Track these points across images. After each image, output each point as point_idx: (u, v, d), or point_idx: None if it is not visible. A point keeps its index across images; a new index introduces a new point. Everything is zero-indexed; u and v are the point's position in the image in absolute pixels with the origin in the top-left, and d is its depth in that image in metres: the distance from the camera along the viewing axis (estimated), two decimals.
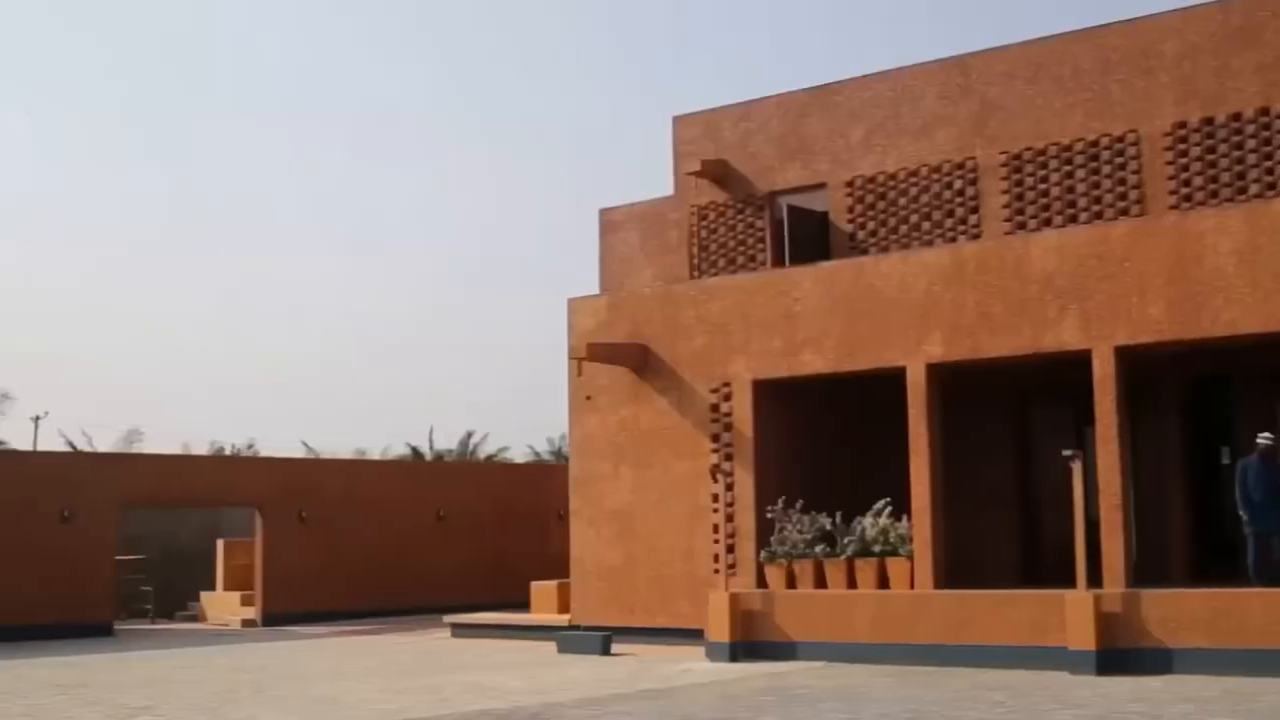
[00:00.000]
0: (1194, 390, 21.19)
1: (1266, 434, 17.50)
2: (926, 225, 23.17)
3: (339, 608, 30.26)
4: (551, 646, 21.99)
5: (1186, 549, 20.60)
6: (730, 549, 20.71)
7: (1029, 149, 22.43)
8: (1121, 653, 17.09)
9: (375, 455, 50.68)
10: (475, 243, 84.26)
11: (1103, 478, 18.11)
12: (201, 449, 48.94)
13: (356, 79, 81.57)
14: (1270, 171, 20.55)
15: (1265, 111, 20.70)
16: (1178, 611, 16.98)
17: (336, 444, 52.32)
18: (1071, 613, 17.24)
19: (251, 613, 30.45)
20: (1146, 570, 20.04)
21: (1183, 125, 21.28)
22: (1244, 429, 20.80)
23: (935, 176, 23.22)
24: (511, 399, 71.19)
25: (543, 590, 25.12)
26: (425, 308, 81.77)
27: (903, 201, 23.46)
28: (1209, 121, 21.10)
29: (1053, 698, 15.19)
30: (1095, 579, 17.80)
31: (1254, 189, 20.57)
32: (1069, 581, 17.62)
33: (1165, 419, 20.88)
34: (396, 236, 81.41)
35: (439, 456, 49.41)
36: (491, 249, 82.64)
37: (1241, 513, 17.49)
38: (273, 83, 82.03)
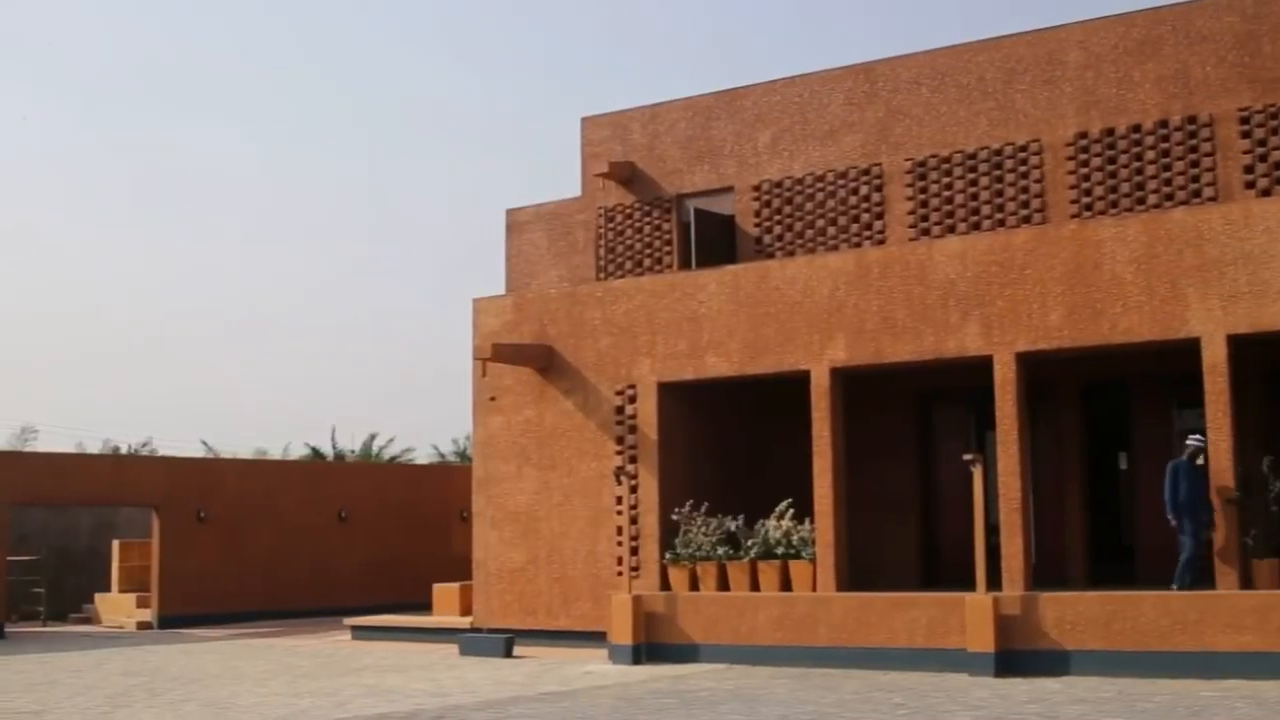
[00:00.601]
0: (1092, 395, 21.51)
1: (1196, 436, 17.53)
2: (832, 230, 23.31)
3: (237, 610, 29.82)
4: (453, 649, 21.83)
5: (1084, 552, 20.89)
6: (634, 551, 20.69)
7: (934, 156, 22.65)
8: (1019, 654, 17.28)
9: (275, 455, 50.09)
10: (381, 241, 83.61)
11: (1002, 481, 18.32)
12: (96, 447, 48.03)
13: (275, 76, 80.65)
14: (1168, 182, 20.91)
15: (1164, 123, 21.06)
16: (1074, 613, 17.20)
17: (236, 444, 51.66)
18: (970, 615, 17.41)
19: (147, 614, 29.90)
20: (1045, 573, 20.31)
21: (1084, 135, 21.60)
22: (1140, 434, 21.19)
23: (841, 182, 23.37)
24: (416, 400, 70.74)
25: (445, 592, 24.94)
26: (330, 307, 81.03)
27: (809, 206, 23.59)
28: (1110, 132, 21.43)
29: (951, 699, 15.32)
30: (995, 581, 18.00)
31: (1152, 199, 20.92)
32: (969, 584, 17.80)
33: (1064, 423, 21.19)
34: (302, 233, 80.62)
35: (341, 457, 48.90)
36: (398, 248, 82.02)
37: (1170, 515, 17.45)
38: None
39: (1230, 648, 16.27)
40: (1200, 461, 17.36)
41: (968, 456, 18.06)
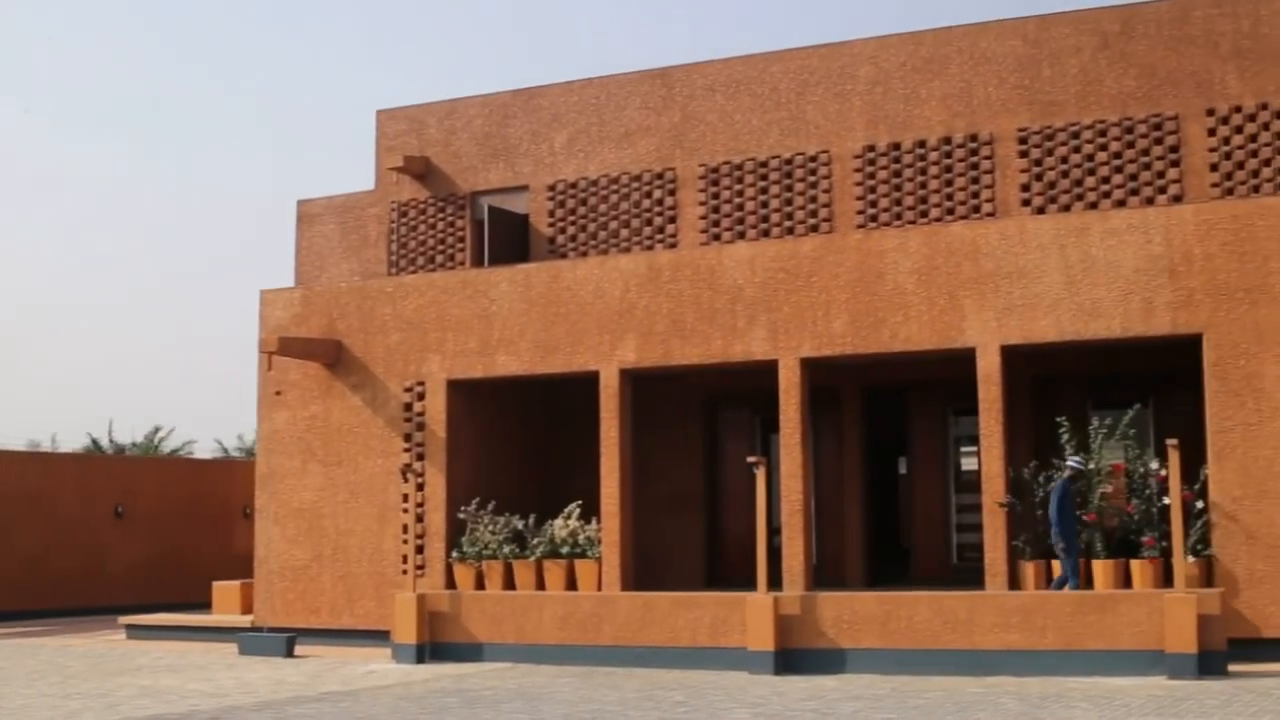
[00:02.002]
0: (873, 401, 22.10)
1: (1076, 458, 17.55)
2: (625, 232, 23.48)
3: (5, 608, 28.63)
4: (233, 648, 21.33)
5: (863, 553, 21.44)
6: (420, 549, 20.53)
7: (727, 162, 23.00)
8: (799, 653, 17.66)
9: (47, 447, 48.30)
10: (168, 228, 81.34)
11: (785, 483, 18.70)
12: None
13: (54, 57, 77.69)
14: (950, 197, 21.60)
15: (948, 140, 21.75)
16: (851, 613, 17.63)
17: (6, 435, 49.68)
18: (751, 614, 17.72)
19: None
20: (825, 573, 20.82)
21: (872, 148, 22.17)
22: (918, 439, 21.85)
23: (635, 185, 23.56)
24: (202, 393, 68.94)
25: (225, 590, 24.36)
26: (112, 294, 78.45)
27: (603, 208, 23.72)
28: (896, 146, 22.04)
29: (731, 697, 15.57)
30: (776, 582, 18.36)
31: (934, 212, 21.58)
32: (752, 584, 18.11)
33: (846, 428, 21.72)
34: (87, 217, 77.86)
35: (120, 450, 47.40)
36: (185, 236, 79.85)
37: (1055, 538, 17.28)
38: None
39: (998, 646, 16.88)
40: (1078, 484, 17.49)
41: (752, 459, 18.38)
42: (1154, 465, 17.69)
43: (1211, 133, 20.58)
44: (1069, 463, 17.43)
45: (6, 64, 73.95)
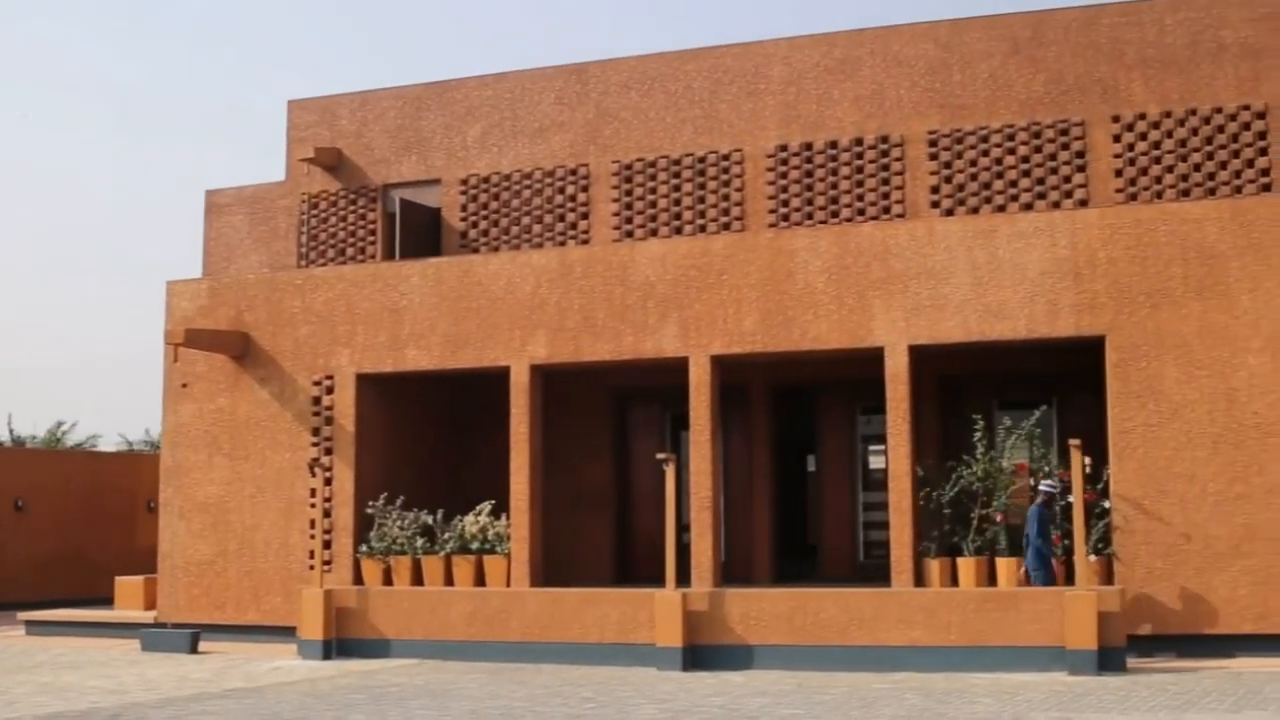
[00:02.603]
0: (782, 399, 22.24)
1: (1049, 481, 17.47)
2: (538, 228, 23.44)
3: None
4: (136, 645, 21.03)
5: (771, 550, 21.57)
6: (327, 544, 20.34)
7: (640, 160, 23.03)
8: (706, 649, 17.73)
9: None
10: (73, 216, 79.99)
11: (694, 480, 18.78)
12: None
13: None
14: (861, 198, 21.79)
15: (859, 141, 21.94)
16: (759, 610, 17.74)
17: None
18: (659, 611, 17.77)
19: None
20: (734, 570, 20.92)
21: (784, 148, 22.31)
22: (827, 437, 22.01)
23: (548, 180, 23.52)
24: (107, 386, 67.87)
25: (128, 585, 23.99)
26: (10, 285, 77.00)
27: (516, 203, 23.66)
28: (808, 146, 22.20)
29: (639, 693, 15.60)
30: (685, 578, 18.43)
31: (845, 212, 21.76)
32: (661, 580, 18.16)
33: (755, 426, 21.83)
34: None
35: (20, 443, 46.49)
36: (91, 224, 78.58)
37: (1028, 563, 17.24)
38: None
39: (902, 643, 17.07)
40: (1054, 506, 17.38)
41: (661, 456, 18.43)
42: (1058, 468, 17.95)
43: (1117, 139, 20.95)
44: (1042, 486, 17.30)
45: None
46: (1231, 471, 17.12)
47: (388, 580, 19.90)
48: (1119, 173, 20.86)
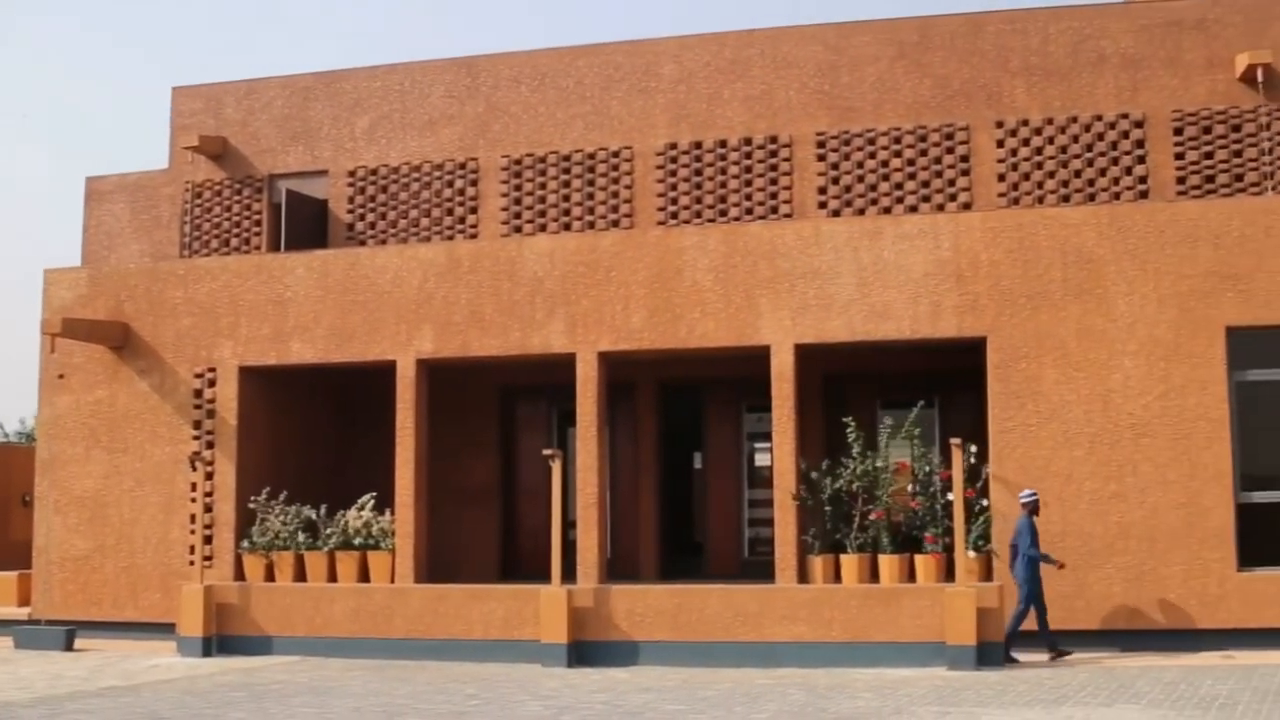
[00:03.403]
0: (669, 396, 22.33)
1: (1028, 491, 17.29)
2: (426, 221, 23.29)
3: None
4: (8, 642, 20.57)
5: (657, 547, 21.65)
6: (208, 539, 20.03)
7: (530, 155, 22.98)
8: (591, 645, 17.75)
9: None
10: None
11: (581, 477, 18.79)
12: None
13: None
14: (749, 197, 21.96)
15: (748, 141, 22.10)
16: (644, 606, 17.80)
17: None
18: (545, 607, 17.75)
19: None
20: (620, 567, 20.97)
21: (674, 146, 22.40)
22: (713, 434, 22.14)
23: (437, 174, 23.38)
24: None
25: (1, 581, 23.40)
26: None
27: (404, 196, 23.48)
28: (698, 145, 22.31)
29: (523, 689, 15.58)
30: (571, 574, 18.43)
31: (734, 211, 21.92)
32: (547, 577, 18.14)
33: (642, 422, 21.89)
34: None
35: None
36: None
37: (1018, 574, 17.01)
38: None
39: (786, 638, 17.24)
40: (1035, 516, 17.16)
41: (547, 452, 18.42)
42: (940, 466, 18.22)
43: (1000, 144, 21.34)
44: (1023, 498, 17.18)
45: None
46: (1107, 471, 17.53)
47: (270, 576, 19.65)
48: (1002, 177, 21.25)
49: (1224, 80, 20.97)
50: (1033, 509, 17.05)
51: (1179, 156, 20.92)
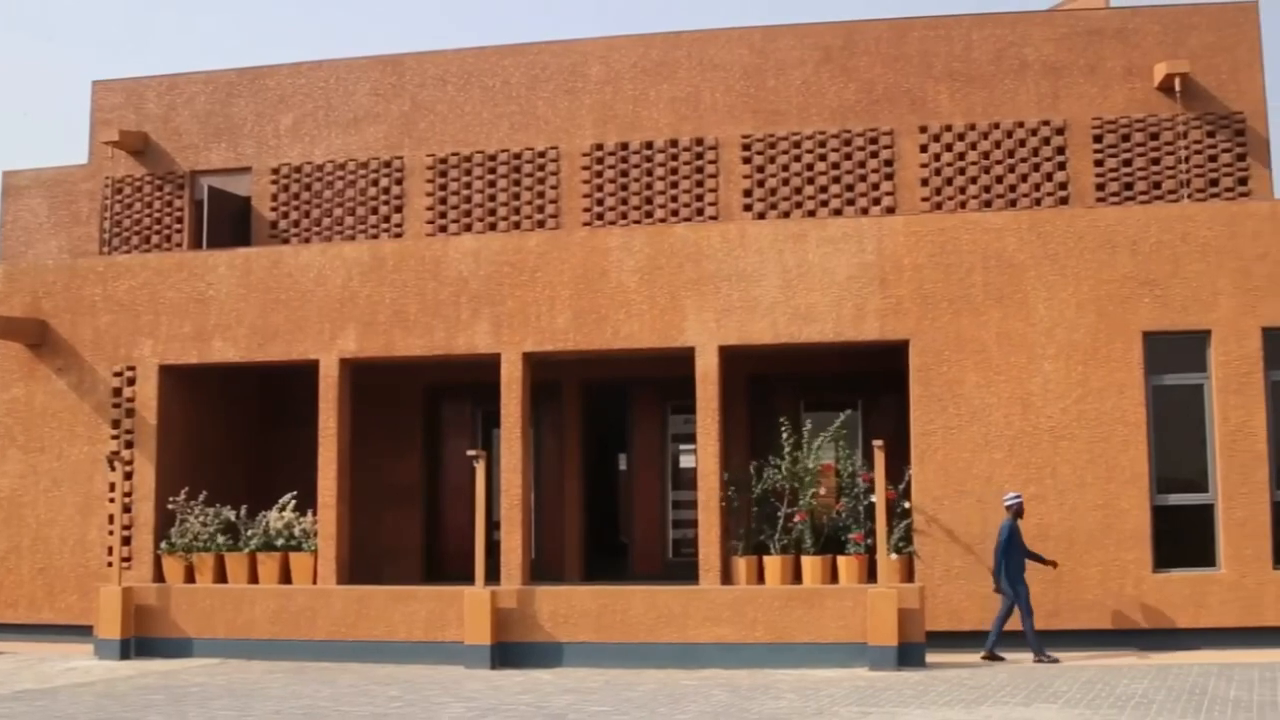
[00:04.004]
0: (594, 397, 22.35)
1: (1012, 493, 17.37)
2: (350, 220, 23.15)
3: None
4: None
5: (582, 548, 21.66)
6: (126, 540, 19.77)
7: (455, 154, 22.91)
8: (515, 647, 17.72)
9: None
10: None
11: (505, 478, 18.75)
12: None
13: None
14: (675, 199, 22.02)
15: (674, 143, 22.17)
16: (568, 607, 17.79)
17: None
18: (468, 608, 17.70)
19: None
20: (544, 568, 20.96)
21: (600, 147, 22.42)
22: (638, 436, 22.18)
23: (362, 172, 23.24)
24: None
25: None
26: None
27: (328, 194, 23.33)
28: (624, 146, 22.35)
29: (446, 691, 15.52)
30: (495, 576, 18.39)
31: (659, 213, 21.97)
32: (471, 578, 18.08)
33: (567, 423, 21.89)
34: None
35: None
36: None
37: (1002, 580, 16.98)
38: None
39: (710, 639, 17.29)
40: (1020, 519, 17.26)
41: (472, 452, 18.35)
42: (863, 468, 18.36)
43: (924, 149, 21.56)
44: (1007, 500, 17.31)
45: None
46: (1026, 473, 17.75)
47: (190, 578, 19.43)
48: (925, 182, 21.47)
49: (1142, 89, 21.33)
50: (1017, 511, 17.19)
51: (1098, 163, 21.25)
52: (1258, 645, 17.22)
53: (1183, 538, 17.50)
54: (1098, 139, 21.30)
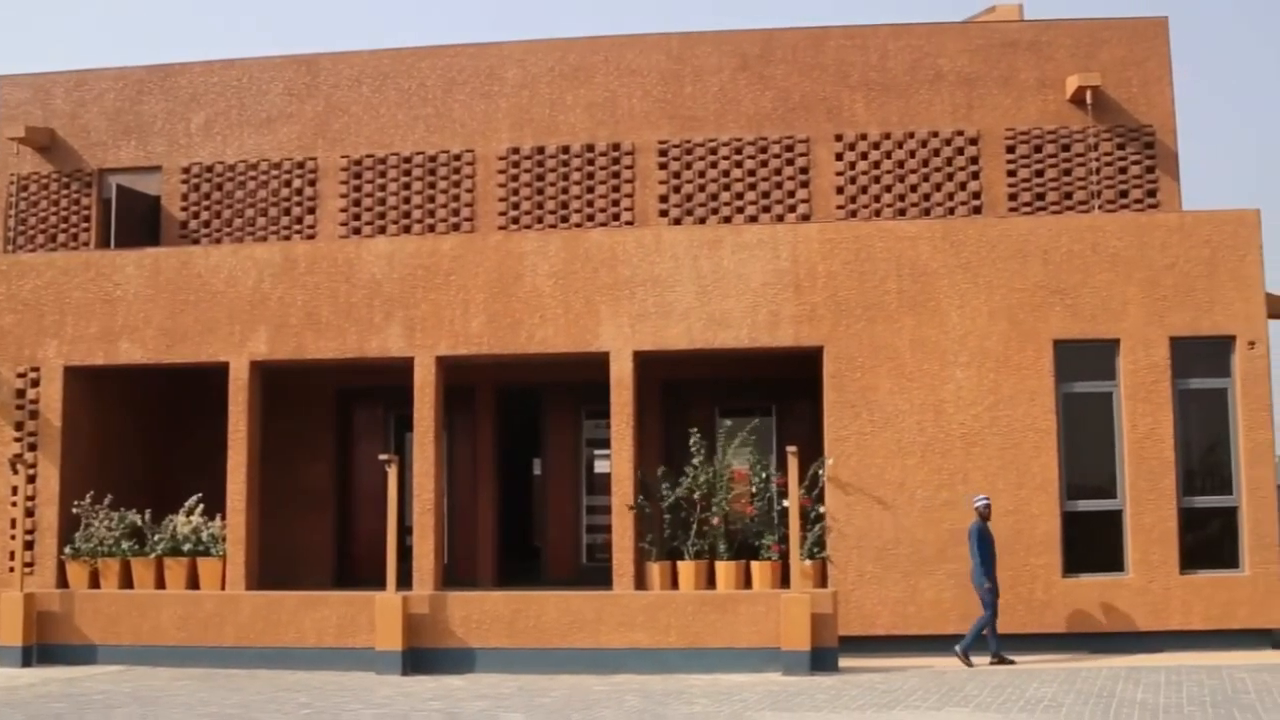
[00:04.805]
0: (509, 401, 22.23)
1: (981, 496, 17.43)
2: (263, 221, 22.84)
3: None
4: None
5: (495, 552, 21.53)
6: (29, 545, 19.33)
7: (370, 156, 22.69)
8: (427, 653, 17.56)
9: None
10: None
11: (418, 482, 18.58)
12: None
13: None
14: (591, 203, 21.96)
15: (591, 148, 22.11)
16: (480, 612, 17.66)
17: None
18: (380, 614, 17.51)
19: None
20: (457, 573, 20.81)
21: (516, 150, 22.31)
22: (552, 440, 22.09)
23: (275, 172, 22.94)
24: None
25: None
26: None
27: (240, 194, 23.00)
28: (540, 150, 22.25)
29: (356, 697, 15.35)
30: (408, 581, 18.21)
31: (575, 218, 21.90)
32: (384, 583, 17.89)
33: (480, 428, 21.75)
34: None
35: None
36: None
37: (984, 580, 17.04)
38: None
39: (624, 645, 17.25)
40: (988, 520, 17.33)
41: (384, 456, 18.19)
42: (776, 473, 18.41)
43: (839, 157, 21.67)
44: (976, 503, 17.40)
45: None
46: (938, 479, 17.90)
47: (95, 583, 19.05)
48: (840, 189, 21.58)
49: (1055, 101, 21.59)
50: (984, 514, 17.28)
51: (1011, 173, 21.47)
52: (1164, 649, 17.49)
53: (1092, 543, 17.72)
54: (1011, 149, 21.53)
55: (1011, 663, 17.04)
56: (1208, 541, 17.98)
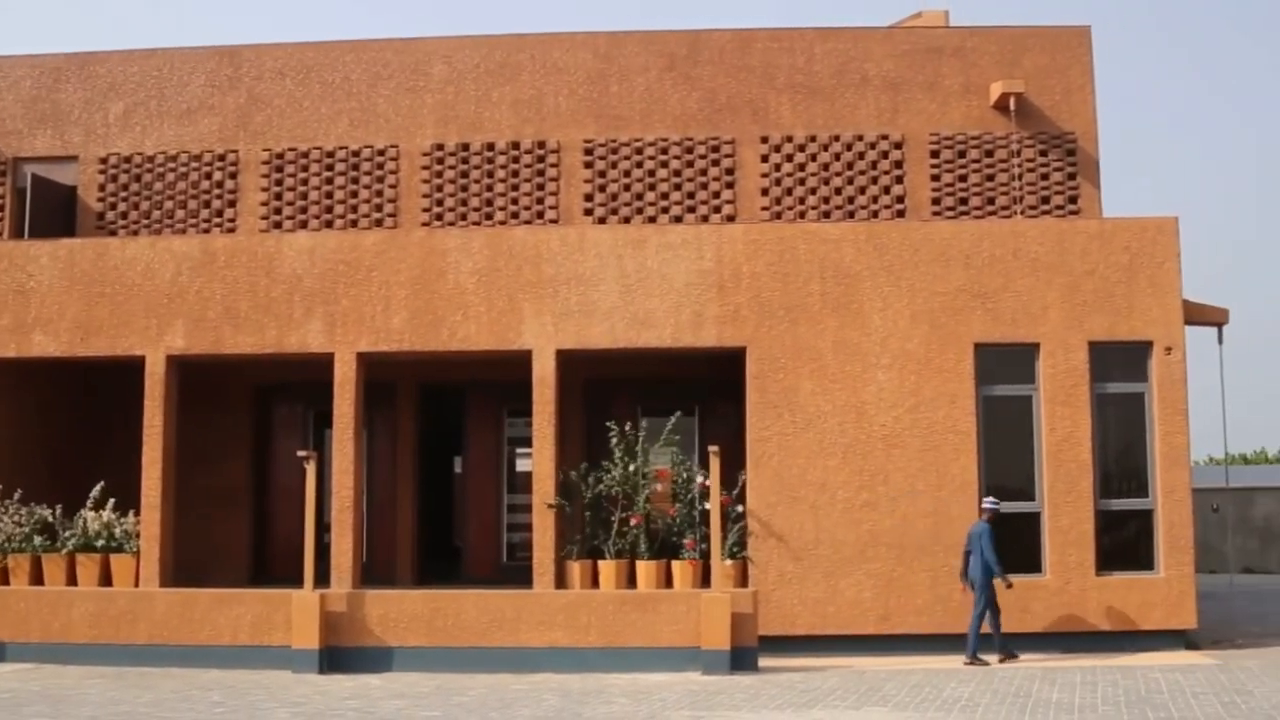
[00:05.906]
0: (430, 399, 22.07)
1: (990, 498, 17.48)
2: (182, 213, 22.51)
3: None
4: None
5: (415, 551, 21.36)
6: None
7: (292, 149, 22.44)
8: (345, 651, 17.37)
9: None
10: None
11: (337, 479, 18.38)
12: None
13: None
14: (515, 201, 21.85)
15: (516, 145, 22.00)
16: (398, 611, 17.50)
17: None
18: (296, 612, 17.30)
19: None
20: (376, 571, 20.63)
21: (441, 147, 22.15)
22: (474, 438, 21.96)
23: (195, 165, 22.63)
24: None
25: None
26: None
27: (159, 186, 22.66)
28: (465, 146, 22.11)
29: (272, 696, 15.16)
30: (326, 579, 18.02)
31: (499, 215, 21.79)
32: (301, 581, 17.69)
33: (401, 425, 21.59)
34: None
35: None
36: None
37: (979, 577, 17.11)
38: None
39: (542, 644, 17.16)
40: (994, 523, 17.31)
41: (302, 453, 17.99)
42: (698, 473, 18.37)
43: (765, 159, 21.71)
44: (985, 504, 17.45)
45: None
46: (859, 480, 17.97)
47: (4, 580, 18.66)
48: (765, 191, 21.62)
49: (979, 107, 21.77)
50: (991, 516, 17.33)
51: (935, 178, 21.63)
52: (1080, 650, 17.67)
53: (1010, 544, 17.83)
54: (935, 154, 21.68)
55: (1015, 656, 17.32)
56: (1124, 543, 18.21)
